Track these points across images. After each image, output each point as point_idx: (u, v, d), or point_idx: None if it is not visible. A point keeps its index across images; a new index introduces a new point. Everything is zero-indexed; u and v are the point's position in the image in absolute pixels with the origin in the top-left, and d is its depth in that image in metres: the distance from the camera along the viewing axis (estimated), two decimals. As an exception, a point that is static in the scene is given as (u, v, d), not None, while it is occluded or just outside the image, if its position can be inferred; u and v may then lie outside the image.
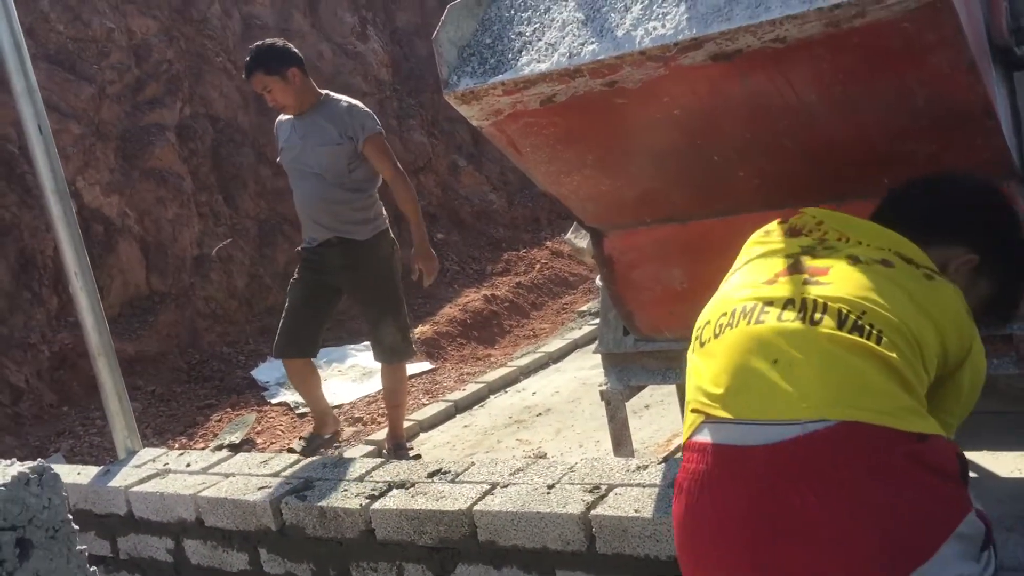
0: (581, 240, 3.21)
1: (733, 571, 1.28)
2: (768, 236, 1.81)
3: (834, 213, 1.79)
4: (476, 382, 5.51)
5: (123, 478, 3.27)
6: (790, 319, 1.43)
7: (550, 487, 2.42)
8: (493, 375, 5.56)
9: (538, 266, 9.17)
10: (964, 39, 1.83)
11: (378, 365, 6.70)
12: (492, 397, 5.30)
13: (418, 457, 4.31)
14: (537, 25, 2.37)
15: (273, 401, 6.12)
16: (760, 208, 2.53)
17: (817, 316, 1.42)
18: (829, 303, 1.43)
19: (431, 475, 2.71)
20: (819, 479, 1.23)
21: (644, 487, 2.29)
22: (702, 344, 1.56)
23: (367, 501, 2.62)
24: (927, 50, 1.87)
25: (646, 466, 2.41)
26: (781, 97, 2.12)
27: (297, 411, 5.84)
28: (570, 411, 4.65)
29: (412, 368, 6.63)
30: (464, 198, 10.34)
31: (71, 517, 0.99)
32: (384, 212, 4.25)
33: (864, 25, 1.85)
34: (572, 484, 2.41)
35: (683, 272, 2.80)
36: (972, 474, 1.63)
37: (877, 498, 1.21)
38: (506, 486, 2.50)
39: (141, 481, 3.21)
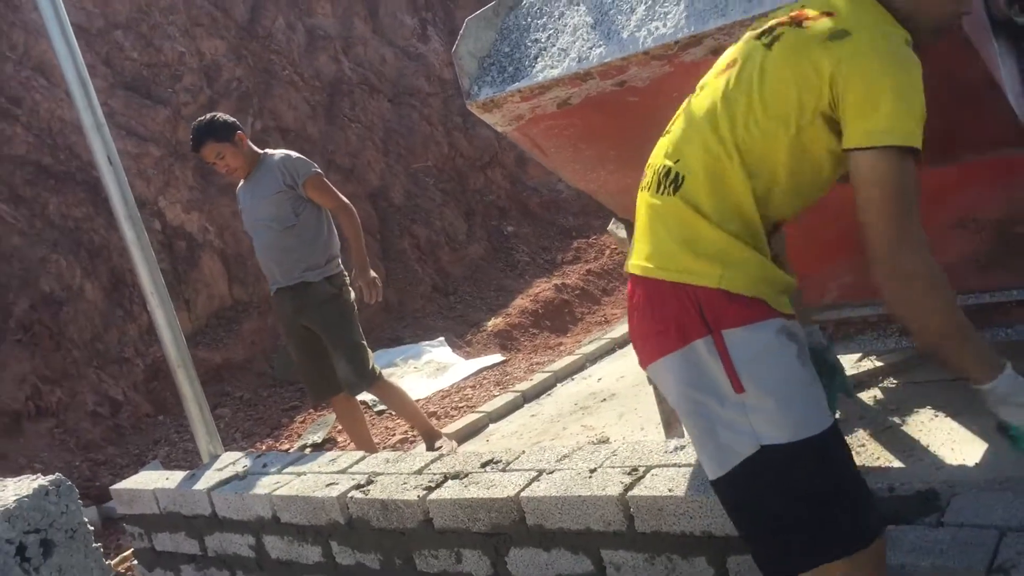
0: (622, 230, 3.30)
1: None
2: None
3: None
4: (543, 371, 5.63)
5: (206, 481, 3.50)
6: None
7: (592, 471, 2.53)
8: (560, 364, 5.67)
9: (608, 252, 9.23)
10: (954, 17, 1.87)
11: (452, 359, 6.95)
12: (559, 385, 5.41)
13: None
14: (552, 31, 2.48)
15: (353, 400, 6.35)
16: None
17: (651, 182, 1.79)
18: (666, 161, 1.76)
19: (484, 465, 2.85)
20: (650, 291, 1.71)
21: (680, 467, 2.38)
22: None
23: (424, 492, 2.77)
24: (918, 30, 1.91)
25: (683, 446, 2.50)
26: (785, 84, 2.18)
27: (375, 408, 6.06)
28: (634, 395, 4.74)
29: (484, 361, 6.81)
30: (532, 189, 10.47)
31: (87, 520, 1.17)
32: (336, 257, 4.43)
33: (853, 11, 1.90)
34: (613, 467, 2.52)
35: (716, 256, 2.87)
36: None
37: (652, 314, 1.70)
38: (552, 472, 2.61)
39: (222, 483, 3.43)
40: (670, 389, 1.71)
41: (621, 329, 6.23)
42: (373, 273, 4.38)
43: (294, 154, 4.42)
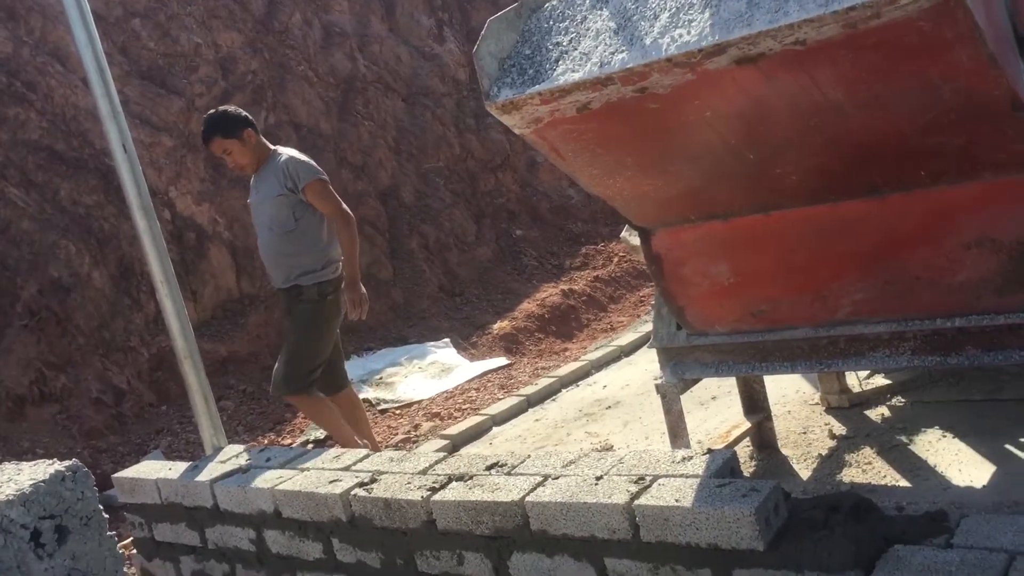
0: (635, 237, 3.29)
1: None
2: None
3: None
4: (549, 376, 5.62)
5: (209, 473, 3.49)
6: None
7: (598, 478, 2.52)
8: (565, 369, 5.66)
9: (616, 259, 9.22)
10: (982, 34, 1.86)
11: (457, 361, 6.94)
12: (564, 391, 5.40)
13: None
14: (574, 35, 2.47)
15: (356, 398, 6.34)
16: (800, 203, 2.59)
17: None
18: None
19: (489, 468, 2.84)
20: None
21: (687, 477, 2.37)
22: None
23: (428, 493, 2.76)
24: (946, 47, 1.90)
25: (690, 457, 2.49)
26: (808, 96, 2.17)
27: (378, 407, 6.06)
28: (639, 404, 4.72)
29: (489, 363, 6.80)
30: (543, 194, 10.46)
31: (101, 507, 1.17)
32: (335, 262, 4.34)
33: (880, 25, 1.89)
34: (619, 475, 2.50)
35: (729, 267, 2.86)
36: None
37: None
38: (557, 478, 2.60)
39: (225, 476, 3.42)
40: None
41: (627, 337, 6.22)
42: (363, 289, 4.30)
43: (300, 156, 4.34)
